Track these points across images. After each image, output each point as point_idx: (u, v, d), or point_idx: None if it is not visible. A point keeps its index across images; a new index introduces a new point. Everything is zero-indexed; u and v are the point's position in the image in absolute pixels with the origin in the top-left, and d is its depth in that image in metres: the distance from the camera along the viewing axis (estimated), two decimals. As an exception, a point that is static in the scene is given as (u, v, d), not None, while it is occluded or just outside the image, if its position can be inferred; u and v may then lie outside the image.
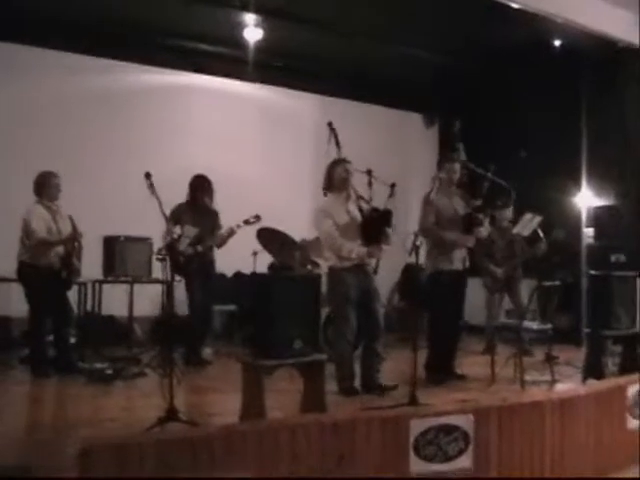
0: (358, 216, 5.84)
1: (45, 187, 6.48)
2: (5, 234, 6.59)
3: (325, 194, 5.98)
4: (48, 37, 8.26)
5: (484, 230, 6.44)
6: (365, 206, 5.85)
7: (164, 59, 9.20)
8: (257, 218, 7.11)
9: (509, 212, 7.96)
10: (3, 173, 7.80)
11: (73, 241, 6.52)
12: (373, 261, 5.93)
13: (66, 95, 8.58)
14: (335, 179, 5.88)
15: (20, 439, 4.39)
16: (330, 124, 6.15)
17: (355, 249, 5.71)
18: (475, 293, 7.98)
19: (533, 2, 7.50)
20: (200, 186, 7.19)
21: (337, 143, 6.11)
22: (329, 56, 9.65)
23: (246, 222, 7.06)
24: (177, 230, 6.48)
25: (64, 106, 8.53)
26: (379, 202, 5.83)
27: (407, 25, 8.65)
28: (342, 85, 10.35)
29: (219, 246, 7.17)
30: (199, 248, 6.84)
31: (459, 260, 6.38)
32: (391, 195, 5.86)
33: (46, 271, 6.36)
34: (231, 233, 7.07)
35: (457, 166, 6.46)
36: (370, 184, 5.88)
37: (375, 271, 5.93)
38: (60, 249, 6.46)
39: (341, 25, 8.70)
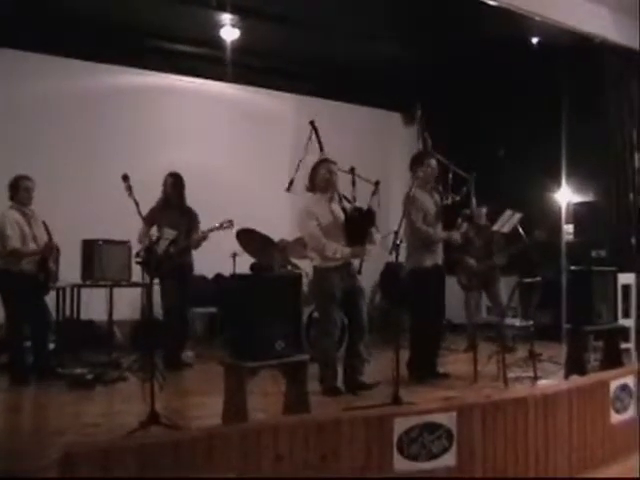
0: (342, 216, 5.81)
1: (17, 191, 6.41)
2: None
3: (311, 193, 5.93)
4: (27, 40, 8.17)
5: (456, 234, 6.45)
6: (348, 206, 5.80)
7: (142, 60, 9.14)
8: (230, 223, 6.98)
9: (484, 210, 7.97)
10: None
11: (50, 250, 6.45)
12: (357, 261, 5.88)
13: (44, 98, 8.48)
14: (319, 179, 5.83)
15: (0, 446, 4.33)
16: (312, 123, 6.01)
17: (339, 249, 5.68)
18: (456, 292, 7.98)
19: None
20: (173, 184, 7.14)
21: (319, 143, 5.98)
22: (307, 55, 9.63)
23: (219, 227, 6.96)
24: (154, 232, 6.40)
25: (42, 109, 8.43)
26: (361, 201, 5.80)
27: (386, 24, 8.63)
28: (320, 84, 10.32)
29: (193, 248, 7.11)
30: (171, 250, 6.73)
31: (439, 255, 6.38)
32: (375, 193, 5.79)
33: (22, 276, 6.27)
34: (203, 237, 7.00)
35: (434, 161, 6.43)
36: (353, 182, 5.81)
37: (359, 271, 5.88)
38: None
39: (320, 24, 8.67)
